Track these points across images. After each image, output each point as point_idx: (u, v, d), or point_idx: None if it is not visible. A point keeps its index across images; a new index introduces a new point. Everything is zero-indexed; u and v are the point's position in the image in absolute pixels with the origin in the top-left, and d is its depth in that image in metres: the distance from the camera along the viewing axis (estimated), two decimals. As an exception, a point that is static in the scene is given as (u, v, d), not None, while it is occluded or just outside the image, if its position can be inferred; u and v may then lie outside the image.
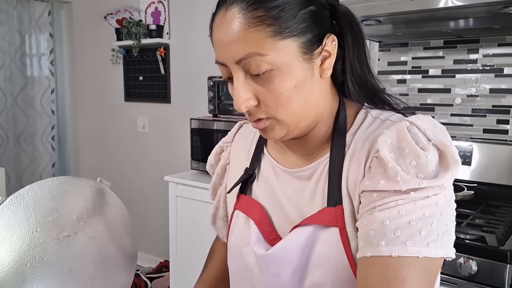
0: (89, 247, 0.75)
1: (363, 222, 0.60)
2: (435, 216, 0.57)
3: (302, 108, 0.64)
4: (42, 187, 0.69)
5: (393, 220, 0.57)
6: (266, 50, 0.59)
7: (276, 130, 0.66)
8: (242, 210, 0.77)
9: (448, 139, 0.62)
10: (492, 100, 1.88)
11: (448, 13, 1.50)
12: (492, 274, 1.28)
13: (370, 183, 0.61)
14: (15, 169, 3.52)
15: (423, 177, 0.58)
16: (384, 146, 0.60)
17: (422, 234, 0.56)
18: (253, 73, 0.61)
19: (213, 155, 0.90)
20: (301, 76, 0.62)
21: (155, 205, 3.25)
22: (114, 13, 3.20)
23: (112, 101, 3.43)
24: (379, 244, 0.56)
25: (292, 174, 0.73)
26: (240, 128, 0.88)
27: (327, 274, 0.64)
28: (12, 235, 0.65)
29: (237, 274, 0.78)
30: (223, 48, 0.62)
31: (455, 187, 1.70)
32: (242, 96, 0.62)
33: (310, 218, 0.67)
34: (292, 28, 0.60)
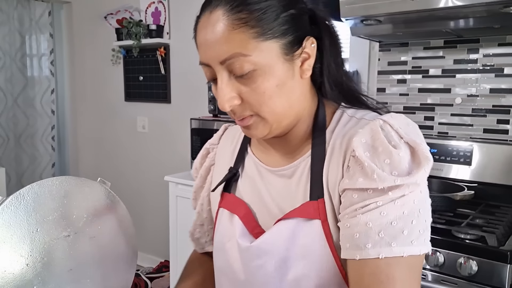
0: (90, 247, 0.75)
1: (346, 224, 0.62)
2: (413, 214, 0.61)
3: (284, 106, 0.67)
4: (42, 187, 0.69)
5: (376, 222, 0.60)
6: (250, 51, 0.62)
7: (260, 128, 0.68)
8: (227, 207, 0.79)
9: (420, 137, 0.65)
10: (492, 100, 1.88)
11: (448, 13, 1.50)
12: (492, 274, 1.28)
13: (349, 181, 0.63)
14: (15, 169, 3.52)
15: (397, 174, 0.60)
16: (359, 146, 0.63)
17: (404, 233, 0.59)
18: (237, 74, 0.63)
19: (198, 158, 0.92)
20: (282, 76, 0.65)
21: (155, 205, 3.25)
22: (114, 13, 3.20)
23: (112, 101, 3.43)
24: (366, 247, 0.59)
25: (275, 173, 0.75)
26: (225, 130, 0.91)
27: (311, 265, 0.66)
28: (12, 235, 0.65)
29: (222, 270, 0.79)
30: (208, 48, 0.64)
31: (455, 186, 1.70)
32: (226, 95, 0.64)
33: (293, 211, 0.69)
34: (274, 30, 0.63)
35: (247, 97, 0.65)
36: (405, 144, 0.62)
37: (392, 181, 0.59)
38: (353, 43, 2.20)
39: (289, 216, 0.69)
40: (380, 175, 0.60)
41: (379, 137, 0.63)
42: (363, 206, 0.61)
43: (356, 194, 0.62)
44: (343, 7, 1.63)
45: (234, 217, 0.76)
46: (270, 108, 0.65)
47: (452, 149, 1.84)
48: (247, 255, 0.72)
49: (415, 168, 0.61)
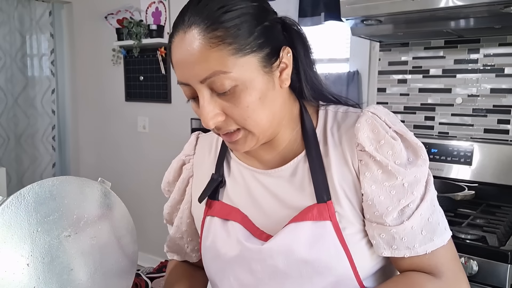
0: (90, 247, 0.75)
1: (393, 230, 0.67)
2: (437, 204, 0.70)
3: (268, 118, 0.68)
4: (42, 187, 0.69)
5: (418, 223, 0.67)
6: (229, 68, 0.62)
7: (248, 142, 0.69)
8: (217, 215, 0.78)
9: (402, 125, 0.71)
10: (493, 100, 1.88)
11: (448, 13, 1.50)
12: (492, 274, 1.28)
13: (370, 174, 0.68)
14: (16, 169, 3.52)
15: (399, 163, 0.67)
16: (365, 141, 0.67)
17: (440, 225, 0.69)
18: (219, 91, 0.63)
19: (171, 171, 0.90)
20: (263, 88, 0.66)
21: (155, 205, 3.25)
22: (115, 13, 3.20)
23: (113, 101, 3.43)
24: (414, 247, 0.67)
25: (269, 174, 0.75)
26: (197, 139, 0.90)
27: (326, 265, 0.67)
28: (13, 235, 0.65)
29: (217, 274, 0.78)
30: (186, 68, 0.63)
31: (456, 186, 1.70)
32: (209, 113, 0.64)
33: (302, 214, 0.69)
34: (251, 44, 0.63)
35: (230, 112, 0.65)
36: (395, 133, 0.68)
37: (404, 173, 0.66)
38: (354, 43, 2.20)
39: (299, 220, 0.69)
40: (393, 167, 0.66)
41: (379, 130, 0.68)
42: (401, 210, 0.67)
43: (382, 196, 0.67)
44: (344, 7, 1.63)
45: (229, 223, 0.76)
46: (254, 121, 0.66)
47: (453, 149, 1.84)
48: (257, 256, 0.71)
49: (411, 154, 0.68)
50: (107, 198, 0.79)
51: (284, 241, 0.69)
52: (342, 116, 0.74)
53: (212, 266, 0.78)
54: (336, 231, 0.67)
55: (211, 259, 0.78)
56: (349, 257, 0.67)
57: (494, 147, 1.77)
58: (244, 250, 0.72)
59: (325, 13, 2.13)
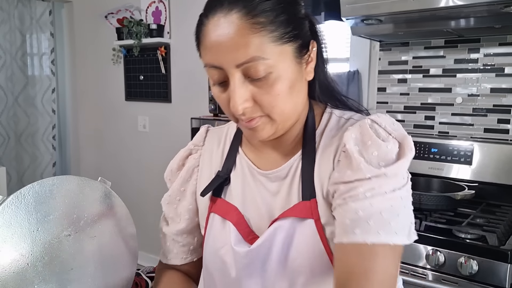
0: (90, 246, 0.76)
1: (340, 211, 0.65)
2: (400, 207, 0.64)
3: (292, 108, 0.68)
4: (43, 186, 0.69)
5: (365, 211, 0.62)
6: (268, 54, 0.62)
7: (266, 129, 0.68)
8: (218, 212, 0.78)
9: (405, 132, 0.68)
10: (493, 100, 1.88)
11: (449, 13, 1.50)
12: (492, 273, 1.28)
13: (338, 174, 0.66)
14: (16, 168, 3.52)
15: (384, 165, 0.64)
16: (350, 140, 0.66)
17: (391, 224, 0.62)
18: (253, 77, 0.63)
19: (177, 160, 0.88)
20: (294, 78, 0.66)
21: (156, 204, 3.24)
22: (115, 13, 3.20)
23: (113, 100, 3.43)
24: (355, 232, 0.62)
25: (268, 176, 0.76)
26: (207, 132, 0.89)
27: (306, 262, 0.68)
28: (13, 234, 0.66)
29: (215, 275, 0.79)
30: (222, 52, 0.63)
31: (456, 186, 1.70)
32: (240, 98, 0.64)
33: (287, 212, 0.70)
34: (290, 33, 0.64)
35: (260, 99, 0.65)
36: (393, 139, 0.66)
37: (377, 170, 0.63)
38: (354, 43, 2.20)
39: (283, 216, 0.70)
40: (365, 166, 0.63)
41: (368, 132, 0.66)
42: (353, 195, 0.63)
43: (343, 186, 0.65)
44: (344, 6, 1.63)
45: (226, 223, 0.76)
46: (281, 109, 0.66)
47: (453, 148, 1.84)
48: (245, 260, 0.72)
49: (397, 156, 0.65)
50: (107, 197, 0.79)
51: (267, 241, 0.70)
52: (343, 122, 0.74)
53: (212, 262, 0.79)
54: (318, 230, 0.68)
55: (211, 256, 0.78)
56: (330, 256, 0.67)
57: (494, 146, 1.77)
58: (235, 255, 0.73)
59: (325, 13, 2.13)
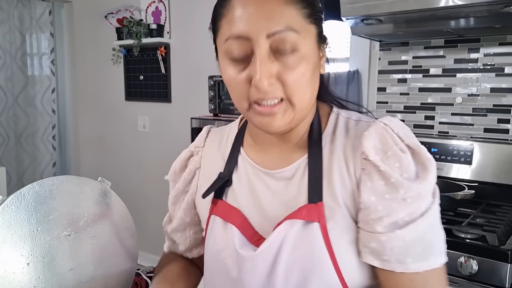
0: (90, 247, 0.76)
1: (383, 237, 0.64)
2: (437, 224, 0.66)
3: (310, 96, 0.67)
4: (43, 186, 0.69)
5: (411, 236, 0.63)
6: (299, 28, 0.62)
7: (285, 117, 0.65)
8: (219, 215, 0.76)
9: (416, 139, 0.68)
10: (493, 100, 1.88)
11: (449, 12, 1.50)
12: (492, 273, 1.28)
13: (372, 184, 0.65)
14: (16, 168, 3.52)
15: (406, 177, 0.64)
16: (370, 149, 0.65)
17: (435, 245, 0.64)
18: (281, 49, 0.61)
19: (179, 161, 0.88)
20: (315, 63, 0.66)
21: (155, 204, 3.25)
22: (115, 13, 3.20)
23: (113, 100, 3.43)
24: (407, 262, 0.63)
25: (273, 175, 0.74)
26: (209, 132, 0.88)
27: (310, 266, 0.66)
28: (13, 234, 0.66)
29: (215, 278, 0.77)
30: (255, 20, 0.61)
31: (456, 186, 1.70)
32: (267, 71, 0.61)
33: (292, 214, 0.68)
34: (317, 15, 0.65)
35: (284, 77, 0.62)
36: (406, 147, 0.66)
37: (409, 187, 0.63)
38: (354, 43, 2.20)
39: (288, 218, 0.68)
40: (397, 179, 0.63)
41: (387, 141, 0.65)
42: (394, 221, 0.63)
43: (380, 206, 0.64)
44: (344, 6, 1.63)
45: (228, 225, 0.74)
46: (302, 93, 0.65)
47: (453, 148, 1.84)
48: (250, 264, 0.70)
49: (421, 170, 0.65)
50: (107, 197, 0.79)
51: (273, 244, 0.68)
52: (354, 124, 0.72)
53: (212, 265, 0.78)
54: (323, 234, 0.66)
55: (212, 260, 0.77)
56: (334, 262, 0.65)
57: (494, 146, 1.77)
58: (239, 259, 0.71)
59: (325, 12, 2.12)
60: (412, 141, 0.66)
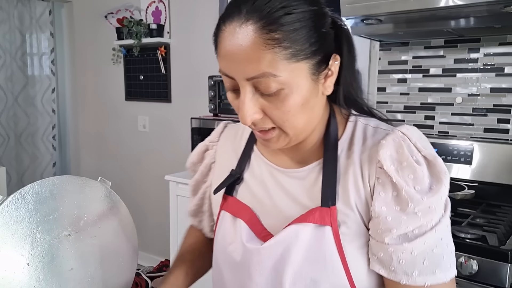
0: (90, 247, 0.76)
1: (390, 249, 0.64)
2: (447, 238, 0.66)
3: (305, 122, 0.67)
4: (43, 186, 0.69)
5: (419, 249, 0.63)
6: (280, 71, 0.60)
7: (280, 141, 0.68)
8: (229, 211, 0.78)
9: (433, 150, 0.68)
10: (493, 99, 1.88)
11: (449, 12, 1.50)
12: (492, 273, 1.28)
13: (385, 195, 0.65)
14: (16, 168, 3.52)
15: (419, 189, 0.64)
16: (386, 159, 0.65)
17: (444, 259, 0.65)
18: (263, 92, 0.62)
19: (195, 153, 0.91)
20: (308, 95, 0.64)
21: (155, 204, 3.25)
22: (115, 12, 3.20)
23: (113, 100, 3.43)
24: (413, 275, 0.63)
25: (287, 174, 0.75)
26: (225, 128, 0.90)
27: (320, 270, 0.66)
28: (13, 234, 0.66)
29: (223, 271, 0.79)
30: (234, 63, 0.61)
31: (456, 186, 1.70)
32: (249, 111, 0.63)
33: (305, 216, 0.68)
34: (306, 51, 0.61)
35: (270, 113, 0.64)
36: (423, 158, 0.66)
37: (420, 201, 0.63)
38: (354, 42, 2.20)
39: (300, 221, 0.68)
40: (409, 192, 0.63)
41: (403, 151, 0.65)
42: (403, 233, 0.64)
43: (390, 217, 0.64)
44: (344, 6, 1.63)
45: (237, 220, 0.76)
46: (292, 124, 0.65)
47: (453, 148, 1.84)
48: (257, 258, 0.71)
49: (434, 182, 0.65)
50: (107, 197, 0.79)
51: (283, 241, 0.69)
52: (371, 131, 0.71)
53: (220, 258, 0.79)
54: (335, 238, 0.66)
55: (220, 253, 0.79)
56: (345, 266, 0.66)
57: (494, 146, 1.77)
58: (245, 252, 0.72)
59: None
60: (429, 152, 0.66)
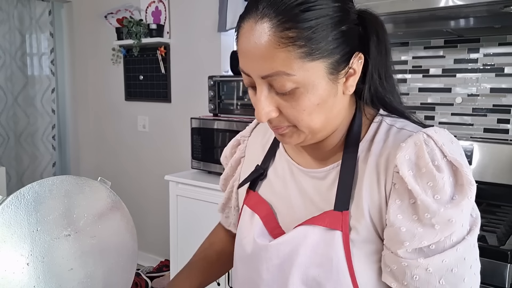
0: (90, 247, 0.75)
1: (404, 263, 0.61)
2: (470, 259, 0.61)
3: (322, 122, 0.65)
4: (42, 186, 0.69)
5: (436, 267, 0.59)
6: (294, 70, 0.58)
7: (294, 138, 0.67)
8: (249, 206, 0.79)
9: (463, 157, 0.62)
10: (493, 100, 1.88)
11: (448, 13, 1.50)
12: (492, 273, 1.28)
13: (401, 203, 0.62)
14: (15, 168, 3.52)
15: (439, 198, 0.59)
16: (404, 163, 0.61)
17: (465, 281, 0.59)
18: (278, 91, 0.61)
19: (229, 147, 0.93)
20: (325, 95, 0.62)
21: (155, 204, 3.25)
22: (115, 13, 3.20)
23: (113, 100, 3.43)
24: None
25: (308, 174, 0.74)
26: (258, 124, 0.91)
27: (326, 275, 0.65)
28: (12, 234, 0.65)
29: (238, 263, 0.81)
30: (250, 60, 0.61)
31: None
32: (264, 109, 0.63)
33: (316, 219, 0.67)
34: (322, 50, 0.59)
35: (285, 111, 0.63)
36: (448, 163, 0.61)
37: (437, 211, 0.58)
38: (354, 43, 2.20)
39: (311, 223, 0.67)
40: (425, 201, 0.59)
41: (423, 155, 0.61)
42: (419, 247, 0.60)
43: (404, 227, 0.60)
44: (344, 6, 1.63)
45: (254, 216, 0.77)
46: (307, 123, 0.63)
47: (453, 148, 1.84)
48: (265, 254, 0.71)
49: (457, 192, 0.60)
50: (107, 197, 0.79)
51: (291, 241, 0.68)
52: (395, 132, 0.67)
53: (237, 250, 0.81)
54: (344, 244, 0.64)
55: (237, 245, 0.81)
56: (351, 273, 0.64)
57: (494, 146, 1.77)
58: (255, 247, 0.73)
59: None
60: (456, 158, 0.61)
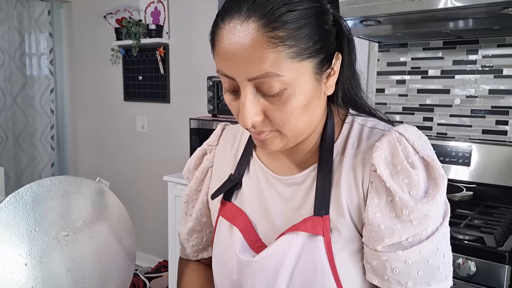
0: (88, 247, 0.75)
1: (383, 257, 0.63)
2: (444, 248, 0.64)
3: (306, 124, 0.64)
4: (41, 186, 0.69)
5: (414, 259, 0.62)
6: (283, 71, 0.57)
7: (276, 143, 0.65)
8: (226, 217, 0.76)
9: (432, 151, 0.65)
10: (491, 101, 1.88)
11: (447, 14, 1.50)
12: (490, 274, 1.28)
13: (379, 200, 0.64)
14: (14, 168, 3.52)
15: (414, 194, 0.62)
16: (380, 162, 0.63)
17: (440, 270, 0.63)
18: (266, 93, 0.59)
19: (193, 159, 0.87)
20: (311, 95, 0.62)
21: (154, 205, 3.25)
22: (114, 13, 3.20)
23: (112, 100, 3.43)
24: (407, 285, 0.62)
25: (283, 181, 0.73)
26: (223, 130, 0.86)
27: (312, 280, 0.65)
28: (11, 235, 0.65)
29: (221, 278, 0.77)
30: (235, 63, 0.58)
31: (454, 187, 1.70)
32: (249, 113, 0.60)
33: (297, 225, 0.67)
34: (310, 49, 0.59)
35: (271, 114, 0.61)
36: (420, 159, 0.63)
37: (414, 207, 0.61)
38: (353, 44, 2.20)
39: (292, 230, 0.67)
40: (403, 198, 0.61)
41: (397, 154, 0.63)
42: (397, 242, 0.62)
43: (383, 225, 0.62)
44: (343, 7, 1.63)
45: (233, 228, 0.74)
46: (292, 126, 0.62)
47: (451, 150, 1.84)
48: (248, 270, 0.70)
49: (431, 187, 0.63)
50: (105, 197, 0.79)
51: (275, 254, 0.67)
52: (367, 132, 0.69)
53: (218, 266, 0.78)
54: (327, 248, 0.64)
55: (218, 260, 0.77)
56: (335, 277, 0.64)
57: (492, 148, 1.77)
58: (239, 263, 0.71)
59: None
60: (428, 154, 0.63)
